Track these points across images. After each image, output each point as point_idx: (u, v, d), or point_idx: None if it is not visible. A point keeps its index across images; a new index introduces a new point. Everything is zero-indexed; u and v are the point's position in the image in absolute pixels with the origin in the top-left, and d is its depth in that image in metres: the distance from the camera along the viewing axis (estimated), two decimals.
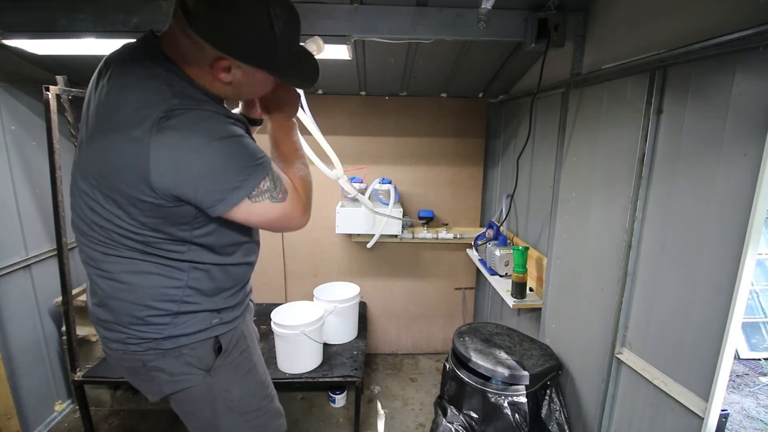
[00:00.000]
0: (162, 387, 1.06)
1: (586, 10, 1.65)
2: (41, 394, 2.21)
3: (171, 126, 0.82)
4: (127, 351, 1.02)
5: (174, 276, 0.99)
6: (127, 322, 0.99)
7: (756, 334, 3.48)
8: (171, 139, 0.82)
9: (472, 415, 1.71)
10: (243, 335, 1.15)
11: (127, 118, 0.84)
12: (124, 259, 0.95)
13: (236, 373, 1.12)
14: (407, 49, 1.98)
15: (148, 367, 1.03)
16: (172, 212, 0.90)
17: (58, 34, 1.60)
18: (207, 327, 1.04)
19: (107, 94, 0.88)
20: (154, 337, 1.00)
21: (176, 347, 1.01)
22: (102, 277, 0.98)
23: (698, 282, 1.14)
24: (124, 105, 0.85)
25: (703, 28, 1.11)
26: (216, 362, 1.07)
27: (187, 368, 1.04)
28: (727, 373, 1.05)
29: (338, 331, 2.33)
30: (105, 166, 0.87)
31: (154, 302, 0.98)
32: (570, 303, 1.79)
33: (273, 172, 0.95)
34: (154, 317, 0.99)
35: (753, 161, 0.97)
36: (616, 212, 1.47)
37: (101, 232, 0.94)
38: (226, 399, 1.11)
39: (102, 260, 0.97)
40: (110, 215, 0.91)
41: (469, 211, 2.90)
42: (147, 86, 0.85)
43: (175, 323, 1.00)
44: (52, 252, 2.22)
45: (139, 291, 0.97)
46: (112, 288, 0.98)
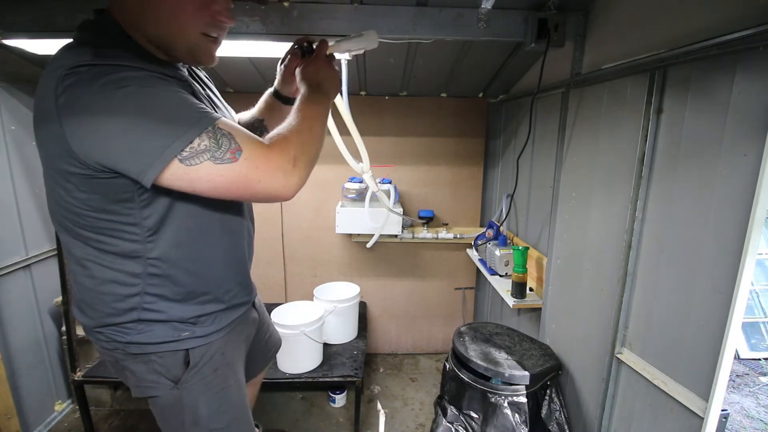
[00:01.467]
0: (133, 389, 1.02)
1: (586, 10, 1.65)
2: (41, 394, 2.21)
3: (72, 84, 0.72)
4: (100, 347, 0.99)
5: (126, 281, 0.89)
6: (93, 324, 0.95)
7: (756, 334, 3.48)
8: (74, 98, 0.71)
9: (472, 415, 1.71)
10: (221, 352, 1.02)
11: (43, 83, 0.77)
12: (81, 257, 0.89)
13: (207, 390, 1.01)
14: (407, 49, 1.98)
15: (120, 366, 0.99)
16: (107, 184, 0.79)
17: (58, 34, 1.60)
18: (175, 339, 0.95)
19: None
20: (119, 339, 0.94)
21: (143, 353, 0.94)
22: (72, 272, 0.94)
23: (698, 282, 1.14)
24: (48, 66, 0.79)
25: (703, 28, 1.11)
26: (184, 376, 0.97)
27: (154, 376, 0.97)
28: (727, 372, 1.05)
29: (338, 331, 2.33)
30: (38, 140, 0.81)
31: (113, 305, 0.91)
32: (570, 303, 1.79)
33: (217, 127, 0.77)
34: (117, 321, 0.92)
35: (753, 161, 0.97)
36: (616, 212, 1.47)
37: (57, 218, 0.88)
38: (193, 414, 1.02)
39: (68, 255, 0.92)
40: (54, 195, 0.84)
41: (469, 211, 2.90)
42: (66, 48, 0.80)
43: (138, 329, 0.93)
44: (52, 252, 2.22)
45: (98, 294, 0.91)
46: (77, 286, 0.94)
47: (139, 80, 0.74)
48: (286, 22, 1.60)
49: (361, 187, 2.61)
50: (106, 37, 0.83)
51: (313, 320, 2.05)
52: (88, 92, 0.72)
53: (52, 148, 0.78)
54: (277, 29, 1.60)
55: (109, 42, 0.82)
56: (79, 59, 0.74)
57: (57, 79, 0.73)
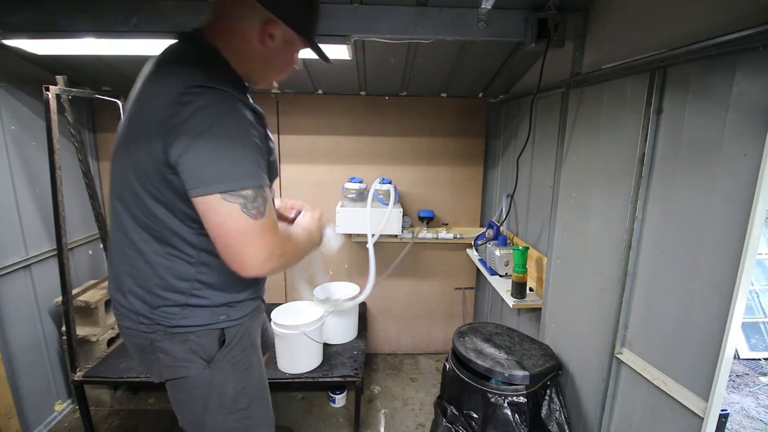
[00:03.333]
0: (163, 371, 1.09)
1: (586, 10, 1.65)
2: (41, 394, 2.21)
3: (186, 103, 0.85)
4: (138, 329, 1.06)
5: (182, 269, 1.01)
6: (138, 306, 1.03)
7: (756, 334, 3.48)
8: (187, 114, 0.85)
9: (472, 415, 1.71)
10: (248, 333, 1.16)
11: (160, 90, 0.90)
12: (142, 242, 0.99)
13: (234, 369, 1.13)
14: (407, 49, 1.98)
15: (154, 347, 1.06)
16: (175, 180, 0.91)
17: (58, 34, 1.60)
18: (215, 322, 1.07)
19: (149, 75, 0.98)
20: (163, 323, 1.03)
21: (183, 333, 1.04)
22: (124, 257, 1.02)
23: (698, 282, 1.14)
24: (161, 79, 0.93)
25: (703, 28, 1.11)
26: (218, 354, 1.09)
27: (190, 355, 1.06)
28: (726, 372, 1.05)
29: (338, 331, 2.33)
30: (133, 141, 0.94)
31: (163, 292, 1.01)
32: (570, 303, 1.79)
33: (263, 191, 0.91)
34: (164, 306, 1.02)
35: (753, 161, 0.97)
36: (616, 212, 1.47)
37: (127, 207, 0.98)
38: (220, 394, 1.12)
39: (121, 241, 1.02)
40: (130, 187, 0.96)
41: (469, 211, 2.90)
42: (174, 64, 0.94)
43: (183, 314, 1.03)
44: (52, 252, 2.22)
45: (152, 278, 1.01)
46: (131, 269, 1.02)
47: (238, 117, 0.89)
48: None
49: (360, 187, 2.61)
50: (210, 60, 0.97)
51: (313, 320, 2.05)
52: (198, 113, 0.85)
53: (151, 150, 0.89)
54: None
55: (214, 67, 0.96)
56: (193, 80, 0.87)
57: (173, 95, 0.86)
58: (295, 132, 2.70)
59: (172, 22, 1.58)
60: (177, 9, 1.57)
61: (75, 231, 2.44)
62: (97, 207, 2.31)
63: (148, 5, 1.57)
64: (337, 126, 2.70)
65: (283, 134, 2.70)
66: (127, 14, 1.57)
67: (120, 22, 1.58)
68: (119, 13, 1.57)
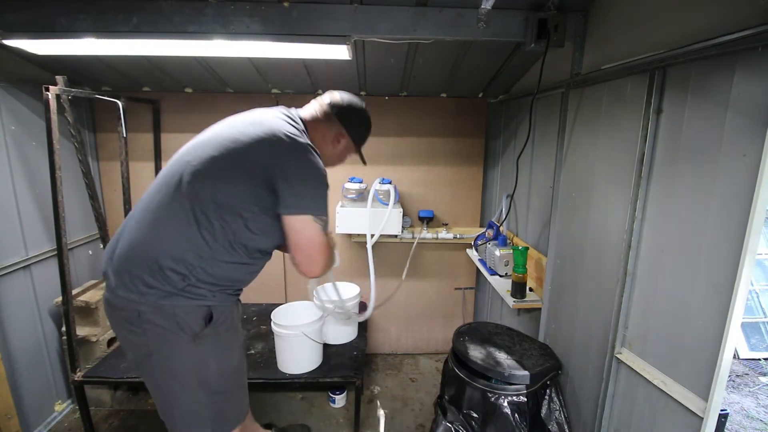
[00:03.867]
0: (149, 341, 1.19)
1: (586, 10, 1.65)
2: (41, 394, 2.21)
3: (301, 148, 1.22)
4: (129, 299, 1.17)
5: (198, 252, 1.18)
6: (146, 267, 1.16)
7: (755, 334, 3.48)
8: (302, 159, 1.21)
9: (472, 414, 1.71)
10: (231, 315, 1.30)
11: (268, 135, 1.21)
12: (178, 218, 1.17)
13: (217, 346, 1.26)
14: (407, 49, 1.98)
15: (142, 319, 1.17)
16: (259, 194, 1.18)
17: (58, 34, 1.60)
18: (202, 303, 1.21)
19: (253, 117, 1.29)
20: (158, 290, 1.16)
21: (171, 308, 1.17)
22: (149, 225, 1.18)
23: (698, 282, 1.14)
24: (265, 127, 1.23)
25: (703, 29, 1.11)
26: (204, 331, 1.21)
27: (176, 328, 1.18)
28: (726, 372, 1.06)
29: (338, 331, 2.33)
30: (237, 150, 1.19)
31: (173, 261, 1.16)
32: (570, 303, 1.79)
33: (327, 221, 1.27)
34: (169, 273, 1.16)
35: (752, 161, 0.97)
36: (615, 212, 1.47)
37: (197, 217, 1.18)
38: (201, 372, 1.24)
39: (155, 210, 1.19)
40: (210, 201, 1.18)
41: (469, 211, 2.90)
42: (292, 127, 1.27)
43: (180, 293, 1.17)
44: (52, 252, 2.22)
45: (173, 246, 1.17)
46: (152, 236, 1.17)
47: (322, 169, 1.25)
48: (286, 22, 1.60)
49: (360, 187, 2.61)
50: (307, 136, 1.31)
51: (313, 320, 2.05)
52: (306, 162, 1.21)
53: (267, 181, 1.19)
54: (277, 29, 1.61)
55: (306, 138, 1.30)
56: (306, 142, 1.24)
57: (292, 147, 1.21)
58: None
59: (171, 23, 1.59)
60: (177, 10, 1.58)
61: (75, 231, 2.44)
62: (97, 207, 2.30)
63: (148, 6, 1.57)
64: None
65: None
66: (127, 15, 1.57)
67: (120, 22, 1.58)
68: (119, 14, 1.57)
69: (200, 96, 2.62)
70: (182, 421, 1.28)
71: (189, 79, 2.43)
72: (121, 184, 2.53)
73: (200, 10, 1.58)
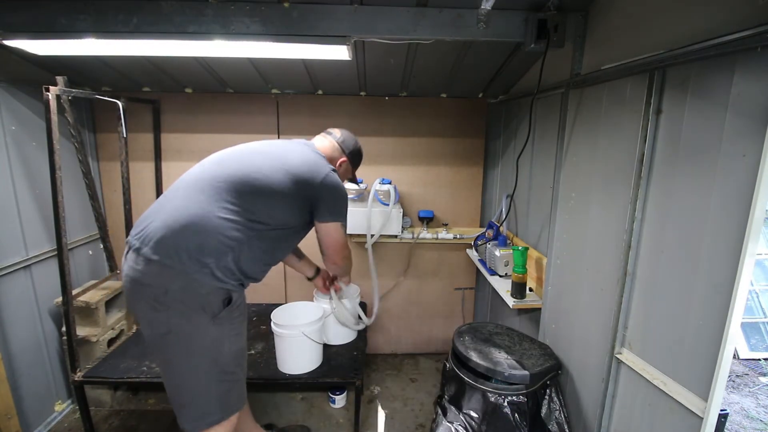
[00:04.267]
0: (171, 318, 1.31)
1: (585, 10, 1.66)
2: (41, 394, 2.21)
3: (333, 178, 1.52)
4: (161, 273, 1.29)
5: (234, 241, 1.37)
6: (193, 245, 1.30)
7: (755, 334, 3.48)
8: (330, 182, 1.51)
9: (472, 414, 1.71)
10: (244, 301, 1.49)
11: (309, 165, 1.50)
12: (229, 213, 1.36)
13: (232, 329, 1.41)
14: (407, 50, 1.98)
15: (168, 296, 1.30)
16: (292, 201, 1.47)
17: (58, 34, 1.60)
18: (224, 287, 1.36)
19: (290, 148, 1.55)
20: (198, 266, 1.30)
21: (201, 286, 1.31)
22: (197, 211, 1.34)
23: (697, 282, 1.14)
24: (303, 157, 1.51)
25: (702, 29, 1.11)
26: (222, 312, 1.36)
27: (198, 307, 1.32)
28: (726, 373, 1.06)
29: (338, 331, 2.33)
30: (273, 182, 1.43)
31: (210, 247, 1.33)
32: (570, 303, 1.79)
33: (346, 222, 1.66)
34: (203, 255, 1.31)
35: (752, 161, 0.98)
36: (615, 212, 1.47)
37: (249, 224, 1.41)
38: (217, 351, 1.37)
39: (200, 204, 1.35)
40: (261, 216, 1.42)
41: (469, 211, 2.91)
42: (317, 160, 1.55)
43: (212, 273, 1.33)
44: (52, 252, 2.23)
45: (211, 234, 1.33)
46: (202, 223, 1.33)
47: (344, 188, 1.59)
48: (286, 22, 1.60)
49: (360, 187, 2.61)
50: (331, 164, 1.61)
51: (313, 320, 2.05)
52: (335, 183, 1.53)
53: (306, 197, 1.49)
54: (277, 30, 1.61)
55: None
56: (331, 169, 1.54)
57: (325, 171, 1.50)
58: (295, 132, 2.70)
59: (171, 23, 1.59)
60: (177, 10, 1.58)
61: (75, 231, 2.44)
62: (97, 207, 2.31)
63: (148, 6, 1.57)
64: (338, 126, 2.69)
65: (283, 135, 2.71)
66: (127, 15, 1.58)
67: (120, 22, 1.58)
68: (119, 14, 1.58)
69: (200, 96, 2.62)
70: (193, 401, 1.37)
71: (189, 79, 2.43)
72: (121, 184, 2.53)
73: (200, 11, 1.58)
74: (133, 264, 1.33)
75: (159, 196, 2.68)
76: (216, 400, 1.39)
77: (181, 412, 1.39)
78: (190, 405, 1.38)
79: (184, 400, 1.38)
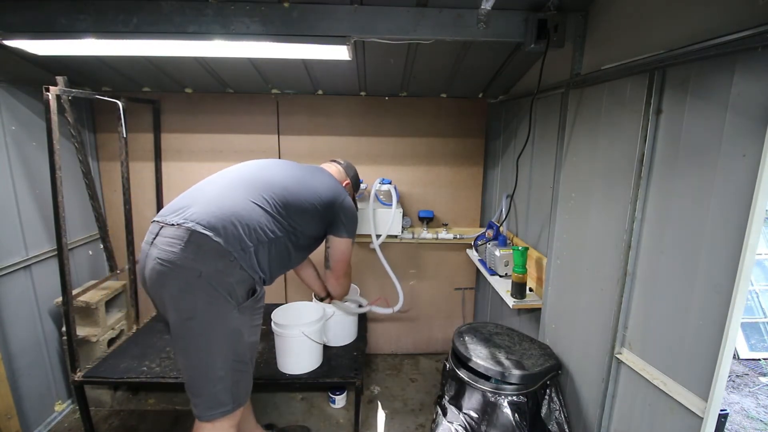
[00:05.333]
0: (198, 303, 1.35)
1: (585, 10, 1.66)
2: (41, 394, 2.21)
3: (349, 201, 1.80)
4: (199, 253, 1.34)
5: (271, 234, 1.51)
6: (231, 228, 1.39)
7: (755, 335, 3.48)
8: (346, 204, 1.77)
9: (472, 414, 1.71)
10: (264, 296, 1.56)
11: (332, 190, 1.75)
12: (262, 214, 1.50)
13: (252, 320, 1.49)
14: (407, 50, 1.98)
15: (201, 280, 1.34)
16: (319, 217, 1.68)
17: (58, 34, 1.60)
18: (251, 276, 1.45)
19: (314, 170, 1.81)
20: (230, 250, 1.37)
21: (228, 273, 1.37)
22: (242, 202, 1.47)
23: (697, 282, 1.14)
24: (328, 182, 1.77)
25: (702, 29, 1.11)
26: (246, 302, 1.43)
27: (226, 294, 1.38)
28: (726, 373, 1.06)
29: (338, 331, 2.33)
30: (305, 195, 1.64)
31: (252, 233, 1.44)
32: (570, 303, 1.79)
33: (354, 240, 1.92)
34: (244, 238, 1.41)
35: (752, 161, 0.98)
36: (615, 212, 1.47)
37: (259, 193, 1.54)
38: (237, 340, 1.43)
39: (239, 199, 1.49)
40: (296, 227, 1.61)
41: (469, 211, 2.91)
42: (337, 184, 1.81)
43: (249, 257, 1.43)
44: (52, 252, 2.23)
45: (255, 222, 1.46)
46: (245, 210, 1.45)
47: (354, 208, 1.85)
48: (286, 22, 1.60)
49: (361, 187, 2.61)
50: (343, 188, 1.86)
51: (313, 321, 2.05)
52: (350, 205, 1.80)
53: (327, 214, 1.72)
54: (277, 30, 1.61)
55: None
56: (345, 193, 1.81)
57: (343, 195, 1.78)
58: (295, 132, 2.70)
59: (172, 23, 1.59)
60: (177, 10, 1.58)
61: (75, 231, 2.44)
62: (97, 207, 2.31)
63: (148, 6, 1.57)
64: (338, 126, 2.70)
65: (283, 135, 2.71)
66: (128, 15, 1.58)
67: (120, 22, 1.58)
68: (119, 14, 1.58)
69: (200, 96, 2.62)
70: (211, 388, 1.41)
71: (189, 79, 2.43)
72: (121, 184, 2.53)
73: (200, 11, 1.58)
74: (167, 246, 1.36)
75: (160, 195, 2.70)
76: (229, 390, 1.44)
77: (198, 400, 1.43)
78: (207, 393, 1.42)
79: (202, 388, 1.42)
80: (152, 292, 1.45)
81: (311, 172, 1.77)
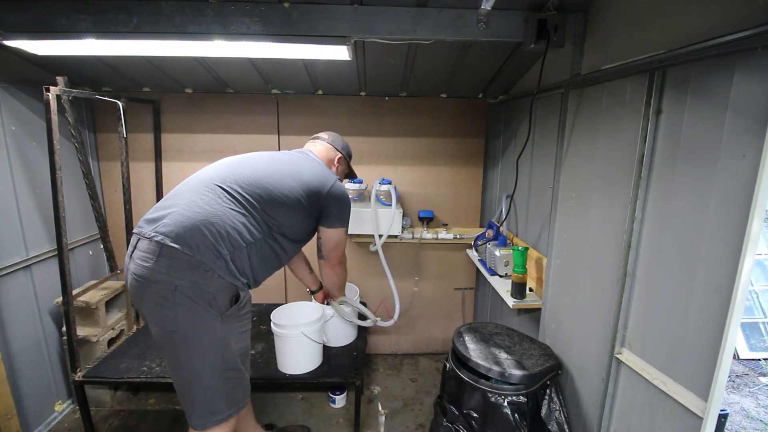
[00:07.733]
0: (178, 316, 1.31)
1: (585, 10, 1.66)
2: (41, 394, 2.21)
3: (337, 185, 1.64)
4: (172, 266, 1.29)
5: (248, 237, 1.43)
6: (200, 237, 1.33)
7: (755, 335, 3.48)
8: (336, 190, 1.63)
9: (472, 414, 1.71)
10: (249, 300, 1.51)
11: (318, 177, 1.61)
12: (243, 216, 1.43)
13: (238, 327, 1.45)
14: (407, 50, 1.98)
15: (177, 293, 1.30)
16: (304, 211, 1.56)
17: (59, 34, 1.60)
18: (232, 283, 1.39)
19: (296, 159, 1.66)
20: (204, 260, 1.32)
21: (206, 283, 1.32)
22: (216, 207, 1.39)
23: (697, 282, 1.14)
24: (313, 169, 1.62)
25: (702, 29, 1.11)
26: (229, 310, 1.39)
27: (206, 304, 1.34)
28: (726, 373, 1.06)
29: (338, 331, 2.33)
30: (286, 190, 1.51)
31: (226, 239, 1.37)
32: (570, 303, 1.79)
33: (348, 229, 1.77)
34: (216, 246, 1.35)
35: (752, 161, 0.98)
36: (615, 212, 1.47)
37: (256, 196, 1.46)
38: (224, 348, 1.40)
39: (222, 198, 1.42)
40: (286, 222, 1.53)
41: (469, 211, 2.91)
42: (323, 170, 1.67)
43: (226, 264, 1.37)
44: (52, 252, 2.23)
45: (229, 228, 1.38)
46: (216, 216, 1.37)
47: (347, 194, 1.70)
48: (286, 22, 1.60)
49: (361, 187, 2.61)
50: (330, 166, 1.81)
51: (313, 321, 2.05)
52: (341, 191, 1.65)
53: (315, 205, 1.59)
54: (277, 30, 1.61)
55: None
56: (335, 178, 1.66)
57: (330, 181, 1.61)
58: (295, 132, 2.70)
59: (172, 23, 1.59)
60: (177, 10, 1.58)
61: (75, 231, 2.44)
62: (97, 207, 2.31)
63: (149, 6, 1.57)
64: (337, 126, 2.70)
65: (283, 135, 2.71)
66: (128, 15, 1.58)
67: (120, 22, 1.58)
68: (119, 14, 1.58)
69: (200, 96, 2.62)
70: (202, 398, 1.40)
71: (189, 79, 2.43)
72: (121, 184, 2.53)
73: (200, 11, 1.58)
74: (141, 261, 1.32)
75: (160, 196, 2.70)
76: (223, 397, 1.42)
77: (190, 410, 1.42)
78: (199, 403, 1.40)
79: (194, 398, 1.40)
80: (135, 305, 1.45)
81: (293, 162, 1.61)
